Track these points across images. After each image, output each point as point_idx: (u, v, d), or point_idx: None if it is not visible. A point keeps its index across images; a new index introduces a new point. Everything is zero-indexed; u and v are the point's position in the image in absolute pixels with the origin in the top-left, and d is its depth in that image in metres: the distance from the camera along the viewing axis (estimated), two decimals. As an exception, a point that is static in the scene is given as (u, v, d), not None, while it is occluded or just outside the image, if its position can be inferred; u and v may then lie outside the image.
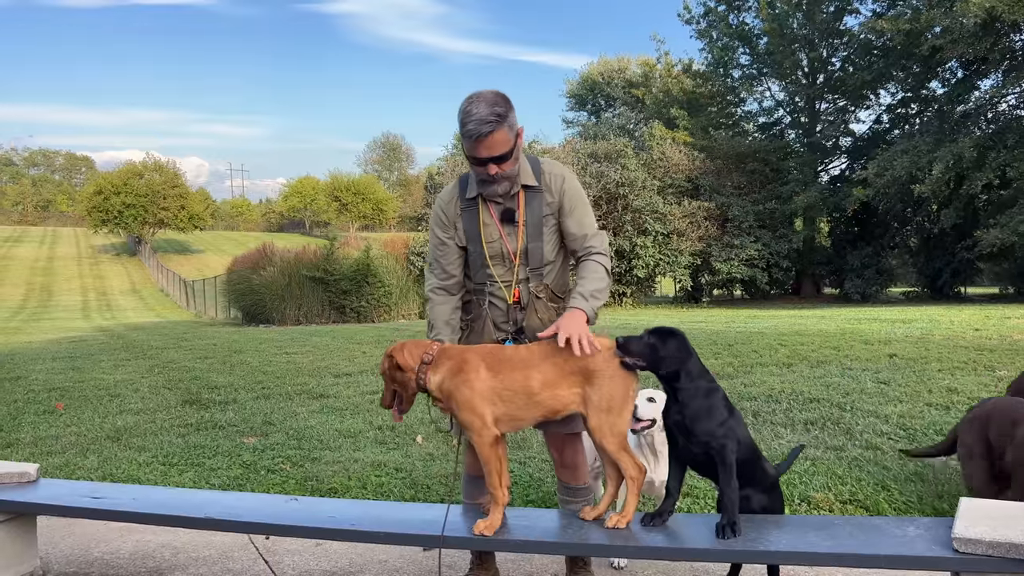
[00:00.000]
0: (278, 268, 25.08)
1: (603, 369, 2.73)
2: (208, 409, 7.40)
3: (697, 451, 2.71)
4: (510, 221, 3.04)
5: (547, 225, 3.06)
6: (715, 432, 2.66)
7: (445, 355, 2.87)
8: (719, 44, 33.06)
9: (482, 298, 3.11)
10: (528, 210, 3.04)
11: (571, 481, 3.15)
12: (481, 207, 3.06)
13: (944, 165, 23.48)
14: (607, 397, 2.71)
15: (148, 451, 5.66)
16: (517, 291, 3.07)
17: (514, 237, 3.04)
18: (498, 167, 2.90)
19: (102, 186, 67.09)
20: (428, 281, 3.17)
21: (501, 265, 3.07)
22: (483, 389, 2.77)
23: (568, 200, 3.06)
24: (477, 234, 3.06)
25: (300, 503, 3.30)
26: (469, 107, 2.84)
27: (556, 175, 3.08)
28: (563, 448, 3.13)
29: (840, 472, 4.41)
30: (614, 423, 2.72)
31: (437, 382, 2.84)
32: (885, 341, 10.82)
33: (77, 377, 10.07)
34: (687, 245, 28.48)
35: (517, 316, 3.08)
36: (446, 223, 3.12)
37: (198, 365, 11.13)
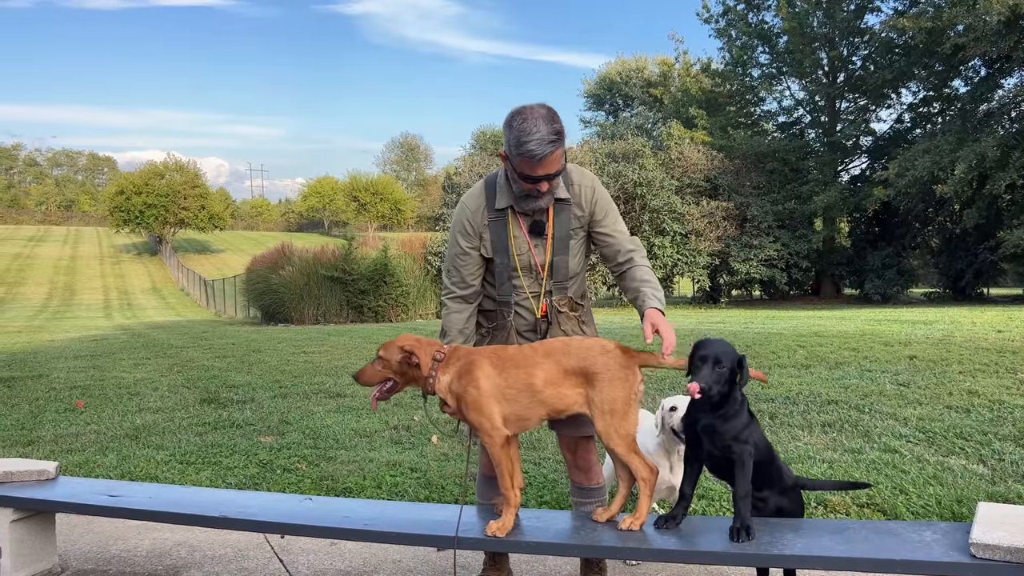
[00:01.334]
0: (296, 268, 25.24)
1: (602, 372, 2.72)
2: (226, 408, 7.45)
3: (718, 453, 2.69)
4: (539, 234, 3.03)
5: (575, 238, 3.06)
6: (740, 434, 2.65)
7: (454, 356, 2.88)
8: (738, 43, 32.88)
9: (507, 309, 3.09)
10: (557, 223, 3.02)
11: (584, 482, 3.15)
12: (511, 218, 3.03)
13: (967, 165, 23.22)
14: (608, 400, 2.70)
15: (166, 449, 5.71)
16: (544, 304, 3.07)
17: (542, 250, 3.04)
18: (549, 183, 2.89)
19: (124, 186, 67.85)
20: (445, 288, 3.14)
21: (528, 277, 3.06)
22: (490, 388, 2.77)
23: (600, 209, 3.06)
24: (505, 246, 3.03)
25: (315, 503, 3.31)
26: (526, 125, 2.78)
27: (587, 187, 3.06)
28: (576, 450, 3.13)
29: (857, 475, 4.36)
30: (619, 425, 2.71)
31: (446, 383, 2.84)
32: (905, 343, 10.70)
33: (98, 375, 10.17)
34: (705, 245, 28.36)
35: (542, 328, 3.09)
36: (471, 233, 3.06)
37: (217, 364, 11.21)
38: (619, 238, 3.05)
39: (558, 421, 2.95)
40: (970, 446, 5.00)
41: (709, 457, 2.74)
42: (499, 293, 3.10)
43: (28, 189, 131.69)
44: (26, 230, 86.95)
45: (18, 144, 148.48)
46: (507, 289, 3.07)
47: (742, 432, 2.66)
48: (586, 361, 2.74)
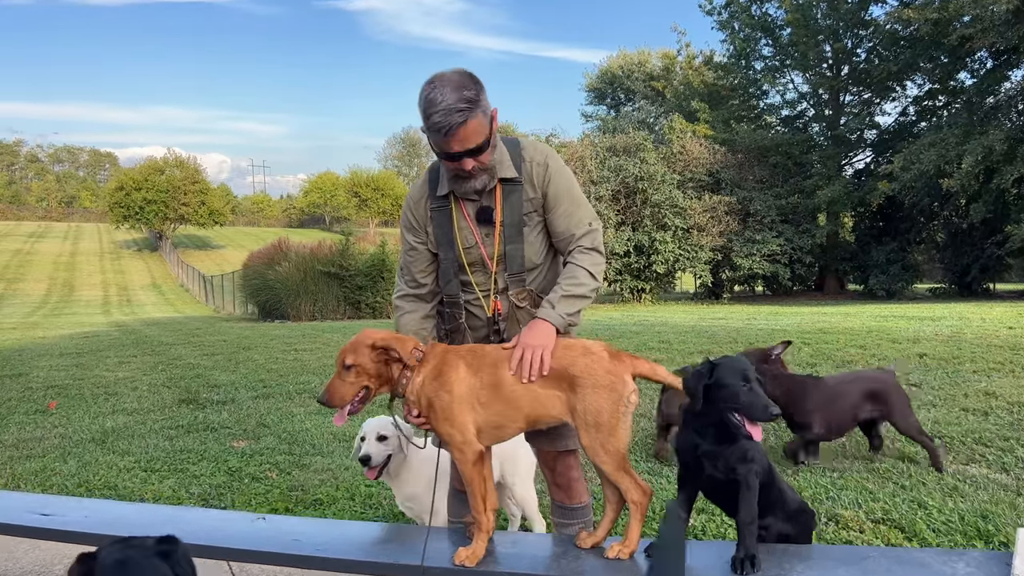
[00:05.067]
0: (293, 263, 24.87)
1: (586, 377, 2.36)
2: (204, 409, 7.12)
3: (721, 476, 2.34)
4: (487, 222, 2.64)
5: (530, 223, 2.65)
6: (746, 454, 2.30)
7: (431, 354, 2.54)
8: (741, 35, 32.45)
9: (458, 310, 2.73)
10: (506, 207, 2.62)
11: (565, 501, 2.80)
12: (454, 207, 2.66)
13: (974, 158, 22.80)
14: (593, 411, 2.35)
15: (132, 455, 5.37)
16: (497, 302, 2.68)
17: (492, 240, 2.65)
18: (475, 160, 2.49)
19: (124, 182, 67.50)
20: (397, 288, 2.80)
21: (479, 272, 2.68)
22: (463, 393, 2.43)
23: (552, 192, 2.64)
24: (450, 239, 2.66)
25: (267, 523, 2.96)
26: (432, 94, 2.40)
27: (538, 163, 2.65)
28: (555, 466, 2.78)
29: (871, 486, 4.01)
30: (606, 440, 2.36)
31: (418, 384, 2.49)
32: (914, 340, 10.35)
33: (79, 374, 9.85)
34: (707, 240, 27.96)
35: (500, 328, 2.71)
36: (416, 226, 2.72)
37: (203, 362, 10.88)
38: (564, 232, 2.63)
39: (536, 432, 2.60)
40: (991, 453, 4.65)
41: (710, 481, 2.39)
42: (446, 292, 2.75)
43: (29, 185, 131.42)
44: (27, 226, 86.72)
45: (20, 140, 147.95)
46: (454, 287, 2.72)
47: (748, 451, 2.31)
48: (564, 362, 2.39)
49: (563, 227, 2.64)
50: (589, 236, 2.64)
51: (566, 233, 2.64)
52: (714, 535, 3.51)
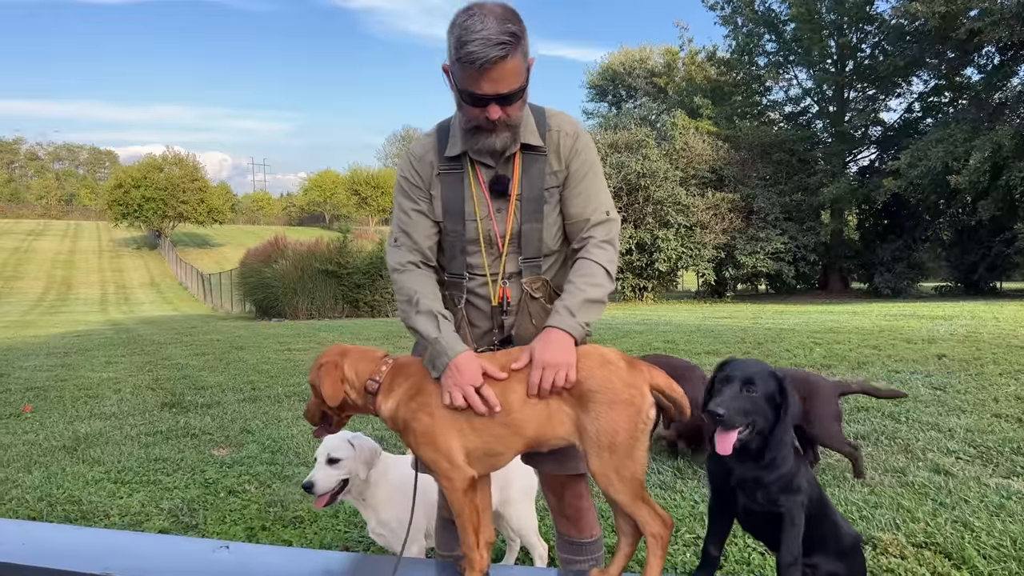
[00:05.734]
0: (290, 261, 24.47)
1: (599, 391, 2.00)
2: (187, 413, 6.75)
3: (759, 508, 1.97)
4: (501, 193, 2.24)
5: (550, 201, 2.25)
6: (791, 483, 1.94)
7: (400, 373, 2.17)
8: (744, 31, 32.09)
9: (458, 294, 2.30)
10: (525, 179, 2.23)
11: (573, 534, 2.41)
12: (469, 171, 2.25)
13: (982, 154, 22.42)
14: (608, 431, 1.98)
15: (102, 465, 5.00)
16: (504, 289, 2.27)
17: (504, 215, 2.24)
18: (503, 110, 2.08)
19: (122, 180, 67.14)
20: (393, 255, 2.31)
21: (487, 252, 2.27)
22: (447, 414, 2.06)
23: (576, 167, 2.25)
24: (461, 208, 2.24)
25: (231, 552, 2.59)
26: (469, 21, 2.00)
27: (567, 133, 2.26)
28: (562, 493, 2.39)
29: (907, 504, 3.63)
30: (621, 465, 1.99)
31: (390, 410, 2.13)
32: (929, 340, 9.98)
33: (62, 375, 9.47)
34: (711, 238, 27.60)
35: (504, 321, 2.29)
36: (419, 186, 2.27)
37: (193, 362, 10.51)
38: (579, 216, 2.25)
39: (538, 454, 2.22)
40: (1033, 464, 4.27)
41: (746, 513, 2.02)
42: (448, 272, 2.33)
43: (29, 183, 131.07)
44: (26, 224, 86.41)
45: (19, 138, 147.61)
46: (459, 265, 2.29)
47: (794, 479, 1.94)
48: (580, 375, 2.03)
49: (578, 208, 2.25)
50: (605, 226, 2.25)
51: (580, 216, 2.25)
52: (737, 561, 3.14)
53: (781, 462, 1.97)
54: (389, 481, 2.92)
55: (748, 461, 1.98)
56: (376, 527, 2.94)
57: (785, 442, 1.99)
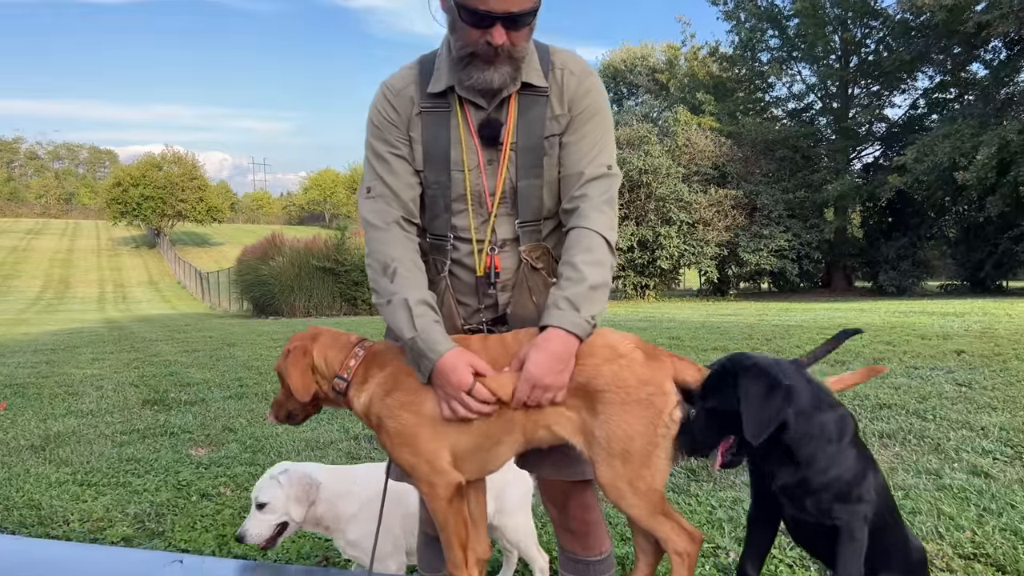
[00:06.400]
0: (287, 258, 24.17)
1: (613, 391, 1.67)
2: (169, 411, 6.40)
3: (811, 520, 1.62)
4: (492, 141, 1.87)
5: (551, 153, 1.89)
6: (849, 490, 1.59)
7: (375, 362, 1.83)
8: (747, 26, 31.67)
9: (440, 259, 1.94)
10: (522, 125, 1.86)
11: (580, 551, 2.06)
12: (458, 110, 1.87)
13: (989, 150, 22.03)
14: (620, 435, 1.65)
15: (70, 466, 4.65)
16: (492, 257, 1.90)
17: (495, 168, 1.88)
18: (508, 35, 1.74)
19: (121, 178, 66.79)
20: (369, 208, 1.90)
21: (474, 212, 1.90)
22: (432, 411, 1.71)
23: (581, 110, 1.88)
24: (444, 154, 1.87)
25: (184, 567, 2.25)
26: None
27: (572, 72, 1.90)
28: (566, 502, 2.03)
29: (949, 509, 3.28)
30: (636, 476, 1.66)
31: (363, 405, 1.79)
32: (943, 336, 9.62)
33: (45, 372, 9.13)
34: (713, 235, 27.24)
35: (495, 296, 1.93)
36: (396, 124, 1.89)
37: (182, 359, 10.16)
38: (573, 167, 1.88)
39: (537, 456, 1.88)
40: (1077, 466, 3.92)
41: (794, 524, 1.67)
42: (431, 233, 1.95)
43: (28, 182, 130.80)
44: (25, 223, 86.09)
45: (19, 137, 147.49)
46: (442, 225, 1.92)
47: (853, 486, 1.59)
48: (585, 374, 1.69)
49: (574, 158, 1.87)
50: (603, 183, 1.87)
51: (573, 169, 1.87)
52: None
53: (828, 463, 1.62)
54: (356, 495, 2.57)
55: (787, 463, 1.64)
56: (347, 548, 2.58)
57: (810, 435, 1.64)
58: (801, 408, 1.62)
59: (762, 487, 1.72)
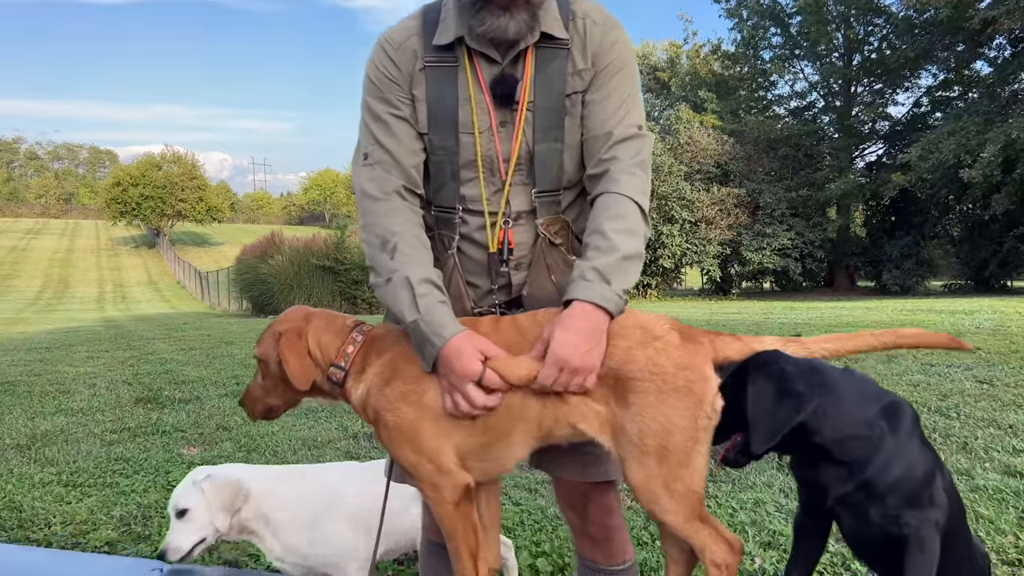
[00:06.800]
0: (287, 257, 23.99)
1: (646, 379, 1.47)
2: (162, 409, 6.20)
3: (877, 531, 1.42)
4: (506, 100, 1.66)
5: (573, 113, 1.68)
6: (919, 495, 1.39)
7: (373, 348, 1.63)
8: (749, 23, 31.48)
9: (448, 235, 1.73)
10: (540, 82, 1.66)
11: (601, 560, 1.85)
12: (467, 64, 1.66)
13: (995, 147, 21.82)
14: (656, 431, 1.45)
15: (56, 465, 4.45)
16: (506, 232, 1.69)
17: (509, 130, 1.67)
18: None
19: (120, 178, 66.62)
20: (366, 176, 1.68)
21: (486, 181, 1.69)
22: (436, 403, 1.51)
23: (606, 65, 1.67)
24: (451, 115, 1.66)
25: (163, 576, 2.05)
26: None
27: (595, 21, 1.69)
28: (585, 507, 1.82)
29: (987, 512, 3.08)
30: (673, 476, 1.46)
31: (360, 397, 1.59)
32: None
33: (37, 369, 8.92)
34: (716, 234, 27.04)
35: (511, 277, 1.72)
36: (396, 81, 1.68)
37: (178, 357, 9.96)
38: (600, 128, 1.67)
39: (552, 453, 1.67)
40: (1115, 465, 3.72)
41: (853, 536, 1.47)
42: (436, 205, 1.74)
43: (28, 182, 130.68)
44: (24, 223, 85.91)
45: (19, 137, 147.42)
46: (449, 195, 1.71)
47: (923, 487, 1.39)
48: (614, 359, 1.48)
49: (600, 118, 1.66)
50: (634, 144, 1.67)
51: (600, 129, 1.67)
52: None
53: (887, 460, 1.42)
54: (286, 498, 2.32)
55: (838, 469, 1.44)
56: (282, 555, 2.32)
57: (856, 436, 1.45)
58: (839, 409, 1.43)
59: (810, 496, 1.53)
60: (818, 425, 1.43)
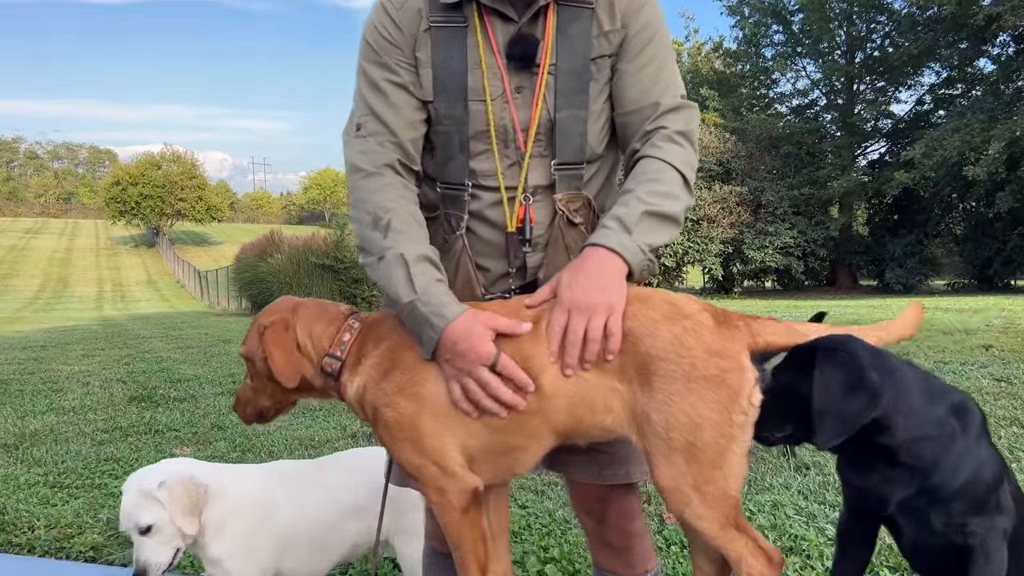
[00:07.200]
0: (286, 255, 23.85)
1: (673, 360, 1.30)
2: (156, 408, 6.05)
3: (936, 540, 1.27)
4: (524, 62, 1.49)
5: (598, 78, 1.53)
6: (986, 501, 1.23)
7: (369, 337, 1.47)
8: (751, 21, 31.33)
9: (456, 215, 1.56)
10: (563, 43, 1.50)
11: (620, 569, 1.68)
12: (477, 24, 1.50)
13: (1000, 144, 21.66)
14: (685, 424, 1.28)
15: (43, 466, 4.30)
16: (527, 209, 1.52)
17: (528, 96, 1.51)
18: None
19: (120, 177, 66.51)
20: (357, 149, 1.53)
21: (500, 153, 1.52)
22: (436, 394, 1.35)
23: (639, 28, 1.52)
24: (460, 80, 1.50)
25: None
26: None
27: None
28: (604, 512, 1.65)
29: None
30: (706, 477, 1.30)
31: (356, 391, 1.43)
32: (966, 331, 9.26)
33: (31, 368, 8.77)
34: (718, 232, 26.87)
35: (527, 258, 1.55)
36: (397, 44, 1.52)
37: (174, 355, 9.81)
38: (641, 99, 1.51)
39: (568, 453, 1.51)
40: None
41: (916, 548, 1.31)
42: (442, 181, 1.57)
43: (28, 182, 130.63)
44: (24, 222, 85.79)
45: (19, 137, 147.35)
46: (457, 170, 1.54)
47: (990, 493, 1.24)
48: (636, 331, 1.32)
49: (642, 87, 1.51)
50: (683, 114, 1.52)
51: (644, 100, 1.51)
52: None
53: (956, 464, 1.27)
54: (222, 500, 2.12)
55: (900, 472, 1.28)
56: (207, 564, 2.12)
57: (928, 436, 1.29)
58: (910, 405, 1.28)
59: (860, 500, 1.37)
60: (890, 422, 1.27)
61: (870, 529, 1.41)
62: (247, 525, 2.10)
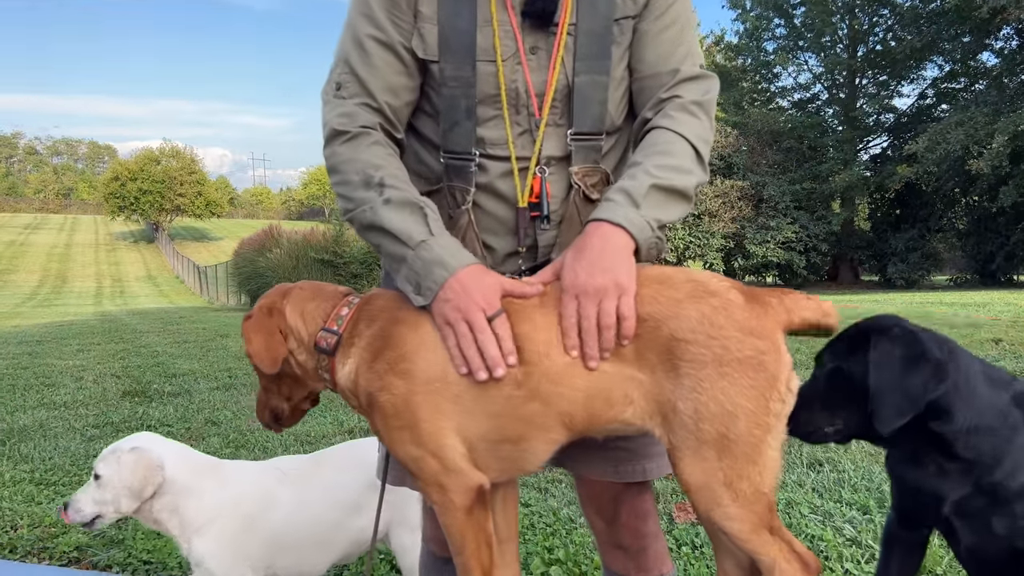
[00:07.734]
0: (285, 250, 23.73)
1: (700, 343, 1.17)
2: (150, 403, 5.92)
3: (998, 546, 1.14)
4: (541, 21, 1.35)
5: (620, 41, 1.40)
6: None
7: (363, 314, 1.33)
8: (753, 14, 31.20)
9: (461, 187, 1.41)
10: (583, 0, 1.37)
11: (632, 573, 1.53)
12: None
13: (1003, 138, 21.52)
14: (717, 413, 1.15)
15: (30, 462, 4.16)
16: (540, 180, 1.38)
17: (543, 59, 1.37)
18: None
19: (119, 172, 66.37)
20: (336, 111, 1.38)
21: (512, 120, 1.38)
22: (431, 372, 1.22)
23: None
24: (468, 39, 1.36)
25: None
26: None
27: None
28: (615, 511, 1.51)
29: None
30: (738, 472, 1.16)
31: (348, 376, 1.30)
32: (972, 325, 9.14)
33: (24, 363, 8.64)
34: (719, 227, 26.78)
35: (538, 236, 1.41)
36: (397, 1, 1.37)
37: (171, 350, 9.68)
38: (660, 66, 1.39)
39: (575, 448, 1.36)
40: None
41: (971, 552, 1.18)
42: (445, 150, 1.41)
43: (27, 177, 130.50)
44: (23, 218, 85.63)
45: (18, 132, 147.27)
46: (463, 138, 1.38)
47: None
48: (658, 313, 1.18)
49: (662, 51, 1.39)
50: (700, 83, 1.40)
51: (663, 66, 1.38)
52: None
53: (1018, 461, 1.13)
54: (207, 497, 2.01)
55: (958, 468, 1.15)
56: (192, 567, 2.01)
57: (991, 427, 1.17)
58: (973, 390, 1.15)
59: (914, 500, 1.24)
60: (949, 406, 1.14)
61: (920, 534, 1.28)
62: (234, 525, 1.99)
